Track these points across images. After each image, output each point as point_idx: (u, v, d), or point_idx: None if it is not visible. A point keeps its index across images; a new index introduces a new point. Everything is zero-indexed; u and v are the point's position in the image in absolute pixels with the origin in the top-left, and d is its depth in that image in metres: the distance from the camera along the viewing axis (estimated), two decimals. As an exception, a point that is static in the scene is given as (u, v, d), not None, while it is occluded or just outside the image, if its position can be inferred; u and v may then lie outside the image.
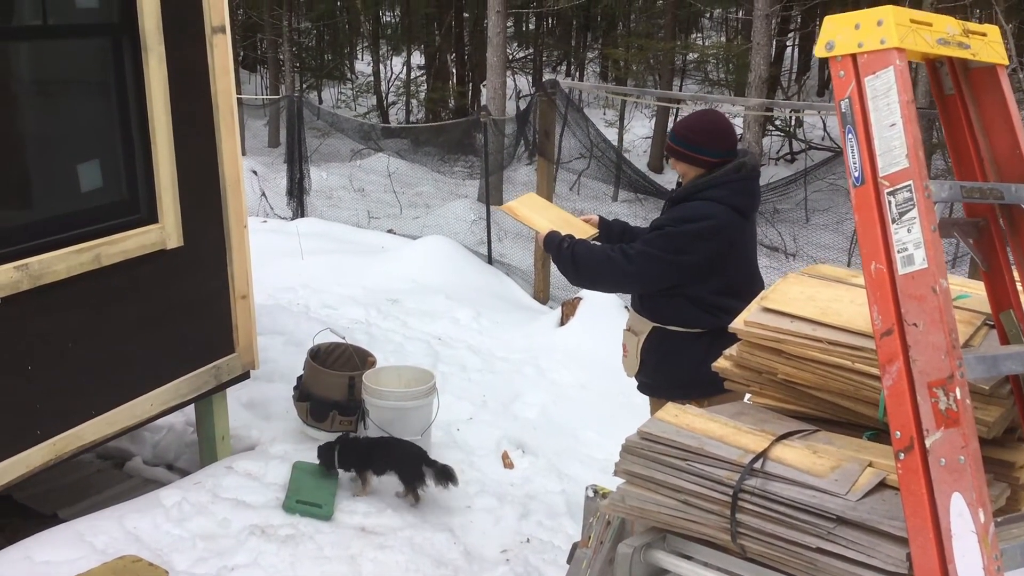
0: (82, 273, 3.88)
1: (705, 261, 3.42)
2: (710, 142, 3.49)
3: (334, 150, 15.17)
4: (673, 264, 3.39)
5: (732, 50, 17.01)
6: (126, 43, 4.00)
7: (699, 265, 3.41)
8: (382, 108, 21.39)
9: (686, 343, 3.49)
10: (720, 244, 3.44)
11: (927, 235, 1.85)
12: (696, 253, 3.40)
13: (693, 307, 3.46)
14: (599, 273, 3.55)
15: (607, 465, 2.40)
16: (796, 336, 2.42)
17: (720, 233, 3.43)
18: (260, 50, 23.34)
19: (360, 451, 4.41)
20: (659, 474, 2.27)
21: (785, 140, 16.91)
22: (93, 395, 4.03)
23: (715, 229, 3.41)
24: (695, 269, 3.41)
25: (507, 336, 6.85)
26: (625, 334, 3.72)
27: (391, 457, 4.36)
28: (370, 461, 4.37)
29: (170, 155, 4.16)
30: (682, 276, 3.42)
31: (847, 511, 2.00)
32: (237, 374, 4.71)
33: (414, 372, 5.00)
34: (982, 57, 2.07)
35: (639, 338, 3.61)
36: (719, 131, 3.53)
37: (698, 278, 3.44)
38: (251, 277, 4.70)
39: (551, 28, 25.08)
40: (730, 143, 3.52)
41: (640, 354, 3.60)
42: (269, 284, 7.37)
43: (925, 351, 1.84)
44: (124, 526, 3.93)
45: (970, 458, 1.79)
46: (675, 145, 3.53)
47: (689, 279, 3.43)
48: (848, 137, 1.96)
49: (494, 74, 12.56)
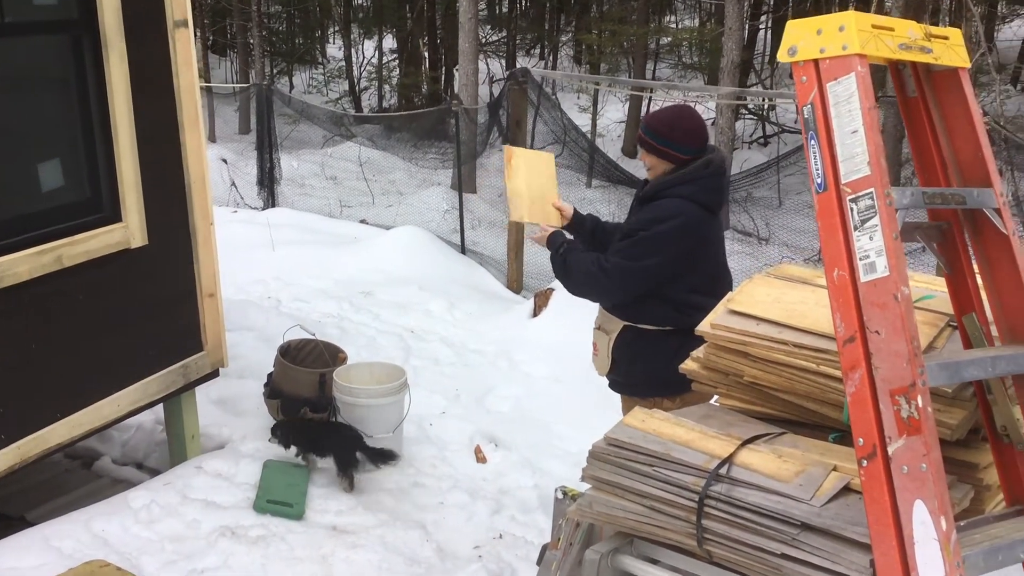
0: (44, 274, 3.82)
1: (678, 260, 3.42)
2: (684, 139, 3.48)
3: (305, 137, 15.03)
4: (648, 269, 3.39)
5: (705, 34, 17.00)
6: (86, 40, 3.93)
7: (672, 265, 3.41)
8: (354, 93, 21.22)
9: (658, 341, 3.49)
10: (692, 242, 3.44)
11: (889, 243, 1.85)
12: (669, 253, 3.40)
13: (664, 305, 3.46)
14: (582, 286, 3.60)
15: (580, 459, 2.39)
16: (762, 339, 2.42)
17: (691, 231, 3.43)
18: (230, 35, 23.10)
19: (309, 433, 4.54)
20: (626, 480, 2.27)
21: (758, 123, 16.94)
22: (58, 397, 3.98)
23: (686, 227, 3.41)
24: (669, 269, 3.42)
25: (480, 328, 6.83)
26: (595, 332, 3.70)
27: (330, 441, 4.47)
28: (315, 444, 4.49)
29: (133, 153, 4.10)
30: (658, 278, 3.42)
31: (811, 517, 2.00)
32: (206, 372, 4.66)
33: (385, 368, 4.97)
34: (944, 61, 2.07)
35: (610, 337, 3.59)
36: (693, 129, 3.52)
37: (671, 278, 3.44)
38: (219, 275, 4.65)
39: (524, 11, 24.96)
40: (702, 141, 3.52)
41: (612, 353, 3.59)
42: (240, 277, 7.31)
43: (887, 359, 1.84)
44: (91, 529, 3.89)
45: (932, 466, 1.79)
46: (648, 139, 3.50)
47: (664, 279, 3.43)
48: (811, 143, 1.95)
49: (466, 60, 12.48)
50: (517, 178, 3.70)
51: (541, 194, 3.76)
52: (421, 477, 4.63)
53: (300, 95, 20.31)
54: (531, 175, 3.75)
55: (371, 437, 4.51)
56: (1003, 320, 2.13)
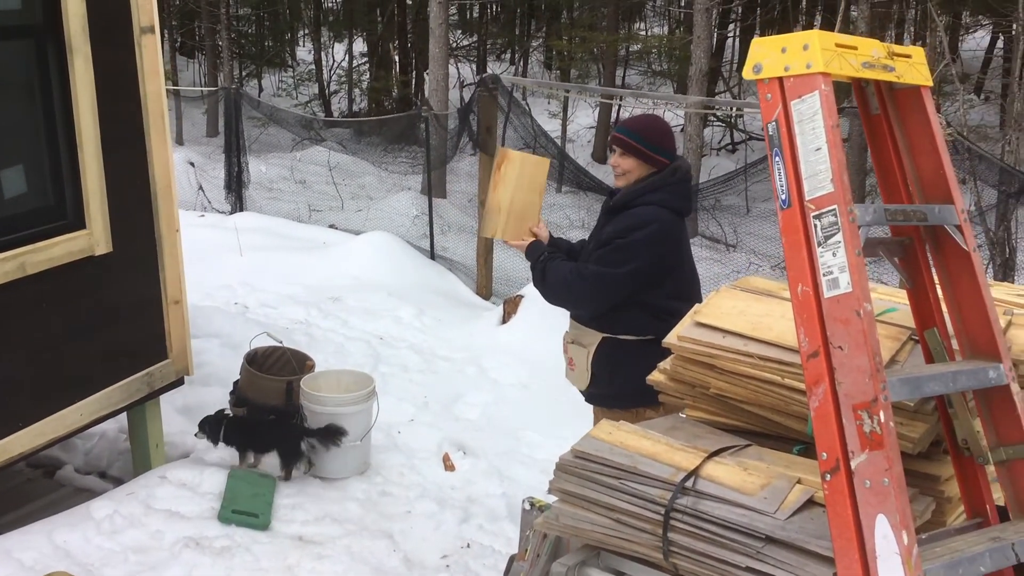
0: (6, 282, 3.77)
1: (655, 266, 3.45)
2: (669, 145, 3.58)
3: (274, 140, 14.93)
4: (627, 276, 3.41)
5: (674, 42, 17.11)
6: (50, 45, 3.89)
7: (650, 270, 3.44)
8: (324, 97, 21.13)
9: (638, 351, 3.47)
10: (668, 247, 3.49)
11: (852, 259, 1.87)
12: (647, 259, 3.42)
13: (644, 314, 3.46)
14: (561, 295, 3.59)
15: (548, 466, 2.40)
16: (728, 351, 2.44)
17: (666, 236, 3.47)
18: (198, 37, 22.90)
19: (244, 429, 4.50)
20: (592, 493, 2.27)
21: (727, 130, 17.08)
22: (20, 406, 3.93)
23: (662, 233, 3.45)
24: (648, 276, 3.44)
25: (449, 335, 6.82)
26: (570, 347, 3.66)
27: (273, 436, 4.47)
28: (252, 440, 4.47)
29: (97, 159, 4.06)
30: (636, 285, 3.43)
31: (776, 530, 2.02)
32: (171, 380, 4.62)
33: (353, 376, 4.95)
34: (907, 79, 2.09)
35: (588, 350, 3.56)
36: (671, 134, 3.64)
37: (650, 284, 3.46)
38: (184, 282, 4.61)
39: (495, 16, 24.97)
40: (675, 147, 3.59)
41: (591, 366, 3.56)
42: (206, 282, 7.24)
43: (850, 374, 1.86)
44: (53, 540, 3.84)
45: (894, 481, 1.81)
46: (632, 141, 3.50)
47: (642, 287, 3.45)
48: (775, 160, 1.97)
49: (436, 65, 12.47)
50: (502, 188, 3.60)
51: (522, 211, 3.66)
52: (389, 486, 4.61)
53: (269, 98, 20.19)
54: (519, 187, 3.63)
55: (339, 446, 4.49)
56: (964, 335, 2.16)
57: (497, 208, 3.61)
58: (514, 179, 3.61)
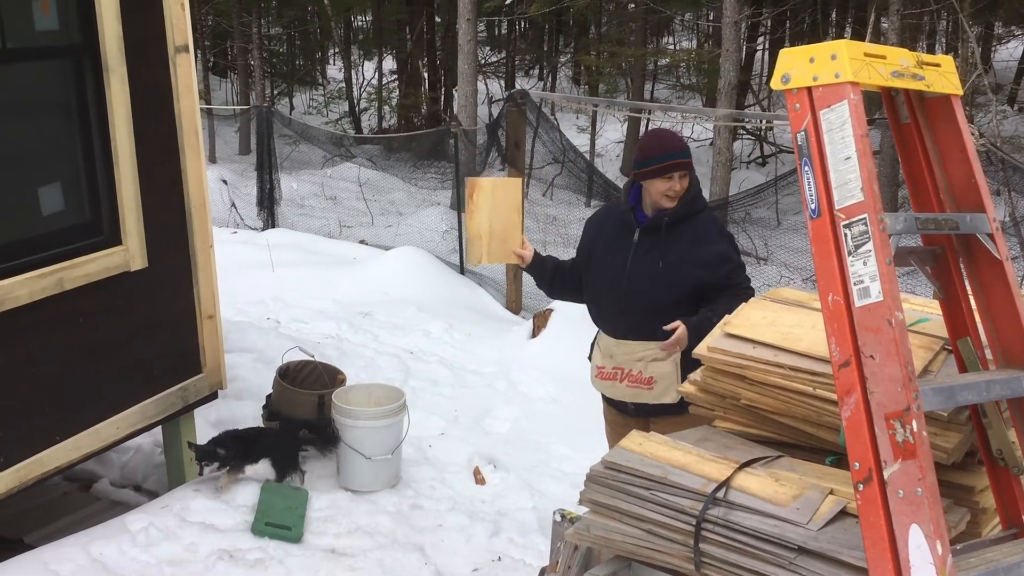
0: (44, 298, 3.84)
1: None
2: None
3: (306, 157, 15.08)
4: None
5: (703, 56, 17.10)
6: (88, 64, 3.97)
7: None
8: (354, 114, 21.32)
9: None
10: None
11: (882, 268, 1.86)
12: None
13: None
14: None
15: (578, 480, 2.40)
16: (758, 362, 2.43)
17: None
18: (230, 56, 23.21)
19: (238, 442, 4.45)
20: (623, 503, 2.27)
21: (756, 143, 17.01)
22: (57, 420, 3.99)
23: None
24: None
25: (479, 349, 6.84)
26: (646, 366, 3.55)
27: (264, 443, 4.47)
28: (245, 450, 4.43)
29: (133, 176, 4.12)
30: None
31: (808, 541, 2.01)
32: (205, 395, 4.67)
33: (384, 390, 4.98)
34: (936, 88, 2.09)
35: (674, 361, 3.50)
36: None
37: None
38: (218, 297, 4.67)
39: (523, 32, 25.11)
40: None
41: (680, 375, 3.48)
42: (240, 298, 7.33)
43: (882, 383, 1.85)
44: (90, 552, 3.88)
45: (927, 490, 1.80)
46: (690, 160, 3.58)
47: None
48: (805, 169, 1.97)
49: (465, 82, 12.55)
50: (479, 215, 3.63)
51: (503, 233, 3.67)
52: (420, 499, 4.63)
53: (300, 116, 20.41)
54: (495, 210, 3.65)
55: (370, 459, 4.51)
56: (997, 344, 2.14)
57: (477, 235, 3.64)
58: (488, 205, 3.64)
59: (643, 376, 3.60)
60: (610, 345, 3.66)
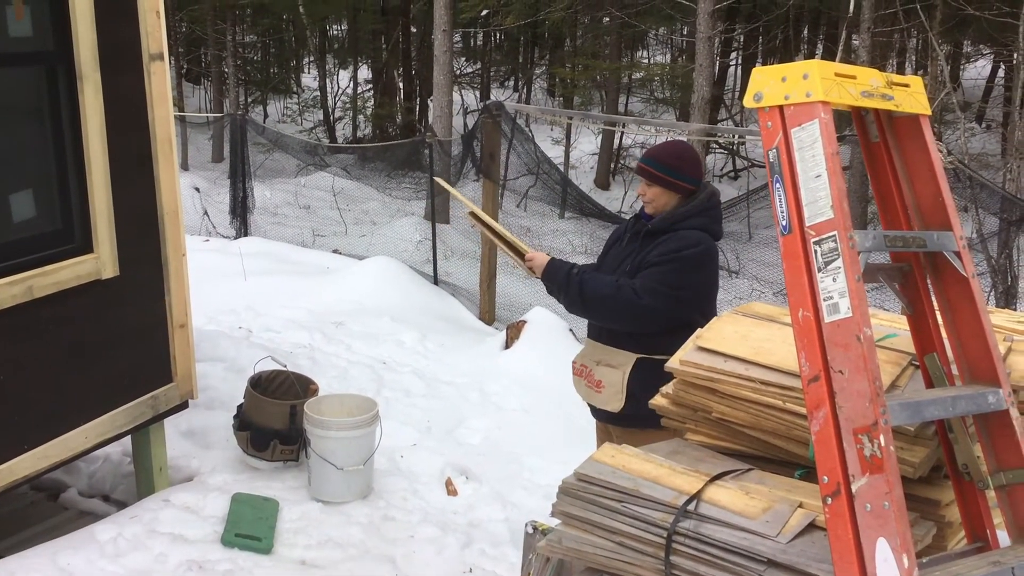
0: (14, 305, 3.80)
1: (705, 288, 3.54)
2: (692, 170, 3.60)
3: (279, 166, 15.04)
4: (677, 298, 3.43)
5: (676, 70, 17.24)
6: (61, 71, 3.94)
7: (700, 292, 3.51)
8: (328, 123, 21.28)
9: None
10: (713, 270, 3.58)
11: (852, 284, 1.89)
12: (698, 281, 3.50)
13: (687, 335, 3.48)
14: (601, 312, 3.56)
15: (551, 491, 2.42)
16: (729, 375, 2.46)
17: (713, 260, 3.57)
18: (204, 63, 23.09)
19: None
20: (595, 516, 2.29)
21: (729, 158, 17.17)
22: (25, 429, 3.94)
23: (710, 256, 3.54)
24: (696, 297, 3.50)
25: (452, 359, 6.84)
26: (597, 368, 3.63)
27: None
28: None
29: (106, 184, 4.10)
30: (682, 308, 3.45)
31: (777, 554, 2.03)
32: (175, 404, 4.63)
33: (357, 400, 4.97)
34: (905, 108, 2.13)
35: (622, 371, 3.54)
36: (696, 160, 3.66)
37: (697, 306, 3.49)
38: (189, 306, 4.64)
39: (499, 44, 25.19)
40: (702, 171, 3.64)
41: (626, 388, 3.53)
42: (211, 306, 7.27)
43: (850, 398, 1.88)
44: (57, 563, 3.84)
45: (894, 504, 1.82)
46: (656, 171, 3.56)
47: (690, 309, 3.46)
48: (776, 186, 2.00)
49: (440, 93, 12.57)
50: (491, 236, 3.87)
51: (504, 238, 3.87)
52: (391, 510, 4.61)
53: (274, 124, 20.35)
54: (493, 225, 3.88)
55: (342, 470, 4.50)
56: (963, 360, 2.18)
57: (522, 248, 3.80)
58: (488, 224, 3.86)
59: (594, 378, 3.67)
60: (585, 342, 3.77)
